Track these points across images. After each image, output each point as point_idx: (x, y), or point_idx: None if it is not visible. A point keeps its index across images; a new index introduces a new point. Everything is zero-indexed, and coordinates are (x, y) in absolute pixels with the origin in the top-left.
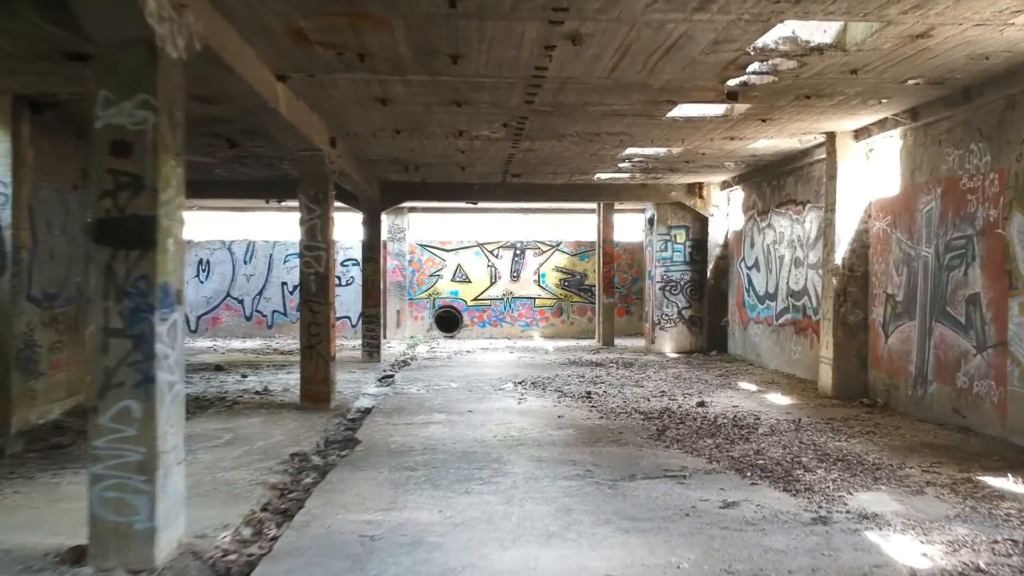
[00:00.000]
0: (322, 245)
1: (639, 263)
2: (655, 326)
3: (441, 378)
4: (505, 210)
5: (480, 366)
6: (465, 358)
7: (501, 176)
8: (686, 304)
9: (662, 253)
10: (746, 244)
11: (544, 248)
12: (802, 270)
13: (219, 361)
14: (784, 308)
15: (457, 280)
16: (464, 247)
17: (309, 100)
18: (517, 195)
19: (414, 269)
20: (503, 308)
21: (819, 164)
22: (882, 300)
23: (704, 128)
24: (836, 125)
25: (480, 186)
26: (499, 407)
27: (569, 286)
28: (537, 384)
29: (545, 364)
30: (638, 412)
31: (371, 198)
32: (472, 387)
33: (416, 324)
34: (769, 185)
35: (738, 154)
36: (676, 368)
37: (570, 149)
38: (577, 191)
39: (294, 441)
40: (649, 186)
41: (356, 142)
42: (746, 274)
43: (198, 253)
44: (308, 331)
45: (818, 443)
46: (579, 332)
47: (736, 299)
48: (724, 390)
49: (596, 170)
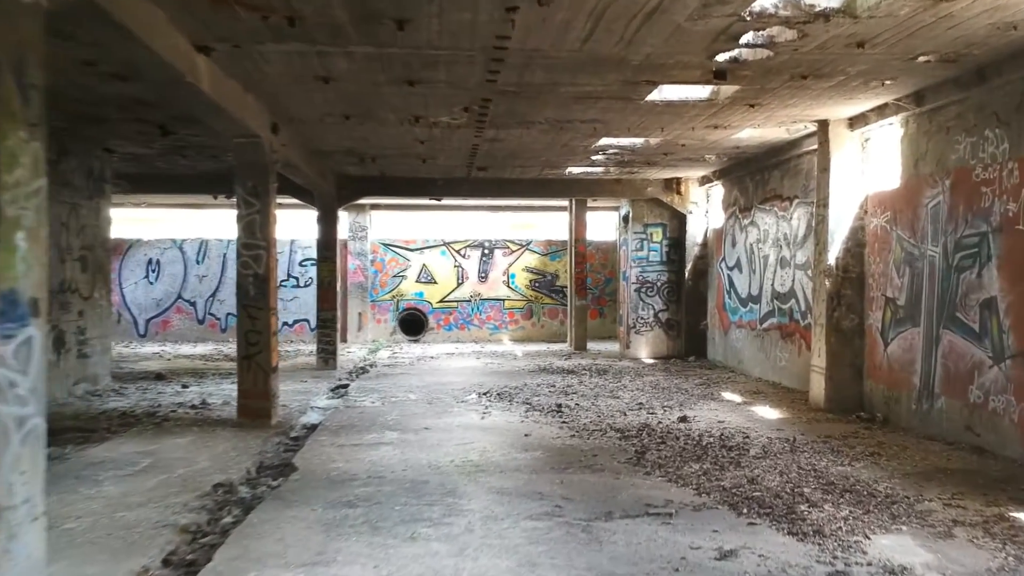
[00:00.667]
0: (262, 243)
1: (613, 263)
2: (630, 330)
3: (399, 388)
4: (472, 208)
5: (443, 374)
6: (428, 364)
7: (466, 170)
8: (663, 307)
9: (638, 252)
10: (727, 243)
11: (513, 247)
12: (789, 271)
13: (162, 368)
14: (769, 311)
15: (422, 281)
16: (430, 246)
17: (241, 78)
18: (484, 191)
19: (377, 269)
20: (471, 310)
21: (808, 156)
22: (880, 304)
23: (686, 114)
24: (830, 112)
25: (444, 181)
26: (460, 423)
27: (540, 287)
28: (503, 395)
29: (513, 371)
30: (614, 429)
31: (326, 193)
32: (432, 399)
33: (379, 327)
34: (752, 180)
35: (721, 145)
36: (653, 376)
37: (539, 139)
38: (548, 187)
39: (221, 468)
40: (624, 181)
41: (303, 130)
42: (727, 275)
43: (147, 253)
44: (246, 339)
45: (819, 468)
46: (550, 335)
47: (716, 301)
48: (706, 402)
49: (568, 163)
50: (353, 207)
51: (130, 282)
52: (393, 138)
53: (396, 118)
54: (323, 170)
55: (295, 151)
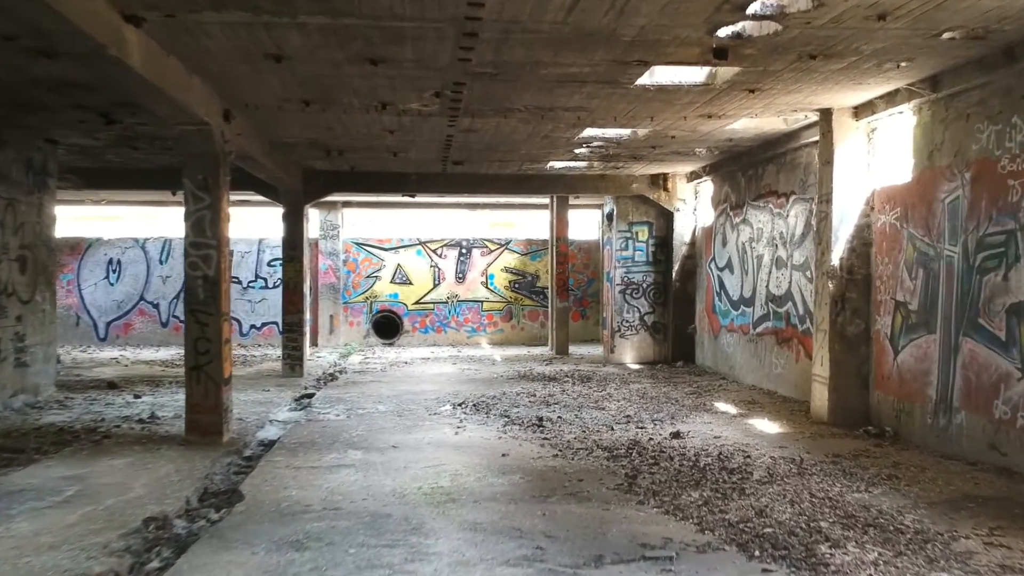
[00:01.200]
0: (212, 242)
1: (595, 263)
2: (614, 333)
3: (369, 398)
4: (449, 205)
5: (417, 381)
6: (401, 371)
7: (441, 164)
8: (649, 309)
9: (622, 252)
10: (717, 242)
11: (492, 247)
12: (785, 272)
13: (117, 376)
14: (763, 315)
15: (397, 282)
16: (405, 246)
17: (183, 55)
18: (460, 187)
19: (349, 270)
20: (447, 312)
21: (806, 150)
22: (889, 308)
23: (679, 102)
24: (834, 100)
25: (417, 176)
26: (431, 439)
27: (519, 288)
28: (480, 406)
29: (491, 379)
30: (600, 447)
31: (292, 189)
32: (403, 410)
33: (351, 330)
34: (745, 175)
35: (713, 138)
36: (640, 383)
37: (519, 130)
38: (528, 183)
39: (158, 496)
40: (608, 177)
41: (260, 118)
42: (717, 276)
43: (108, 252)
44: (195, 348)
45: (833, 496)
46: (530, 338)
47: (705, 304)
48: (699, 413)
49: (549, 157)
50: (324, 204)
51: (89, 283)
52: (360, 128)
53: (361, 104)
54: (287, 164)
55: (253, 142)
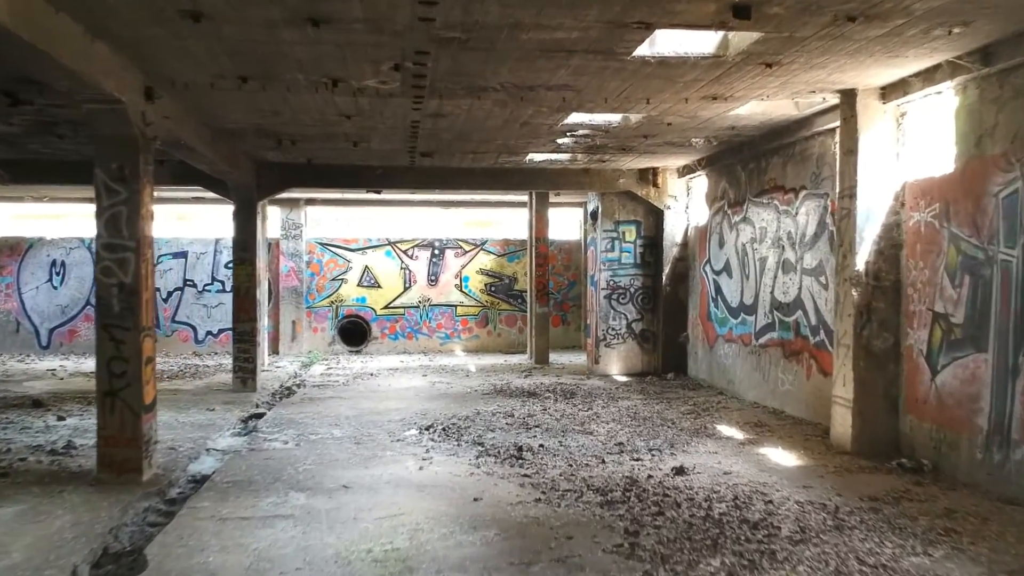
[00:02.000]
0: (129, 244)
1: (577, 265)
2: (599, 342)
3: (325, 420)
4: (421, 203)
5: (382, 397)
6: (366, 384)
7: (408, 157)
8: (637, 316)
9: (608, 254)
10: (712, 243)
11: (467, 247)
12: (794, 276)
13: (47, 392)
14: (767, 324)
15: (365, 285)
16: (373, 246)
17: (79, 14)
18: (430, 182)
19: (313, 272)
20: (419, 317)
21: (819, 139)
22: (925, 320)
23: (682, 79)
24: (860, 79)
25: (383, 170)
26: (391, 476)
27: (496, 291)
28: (451, 430)
29: (464, 394)
30: (591, 488)
31: (243, 184)
32: (362, 436)
33: (316, 337)
34: (746, 169)
35: (713, 125)
36: (630, 399)
37: (494, 115)
38: (505, 178)
39: (37, 566)
40: (593, 172)
41: (193, 98)
42: (712, 280)
43: (51, 253)
44: (108, 370)
45: (887, 562)
46: (508, 345)
47: (699, 311)
48: (701, 440)
49: (528, 149)
50: (286, 202)
51: (30, 287)
52: (311, 112)
53: (308, 81)
54: (234, 155)
55: (186, 127)
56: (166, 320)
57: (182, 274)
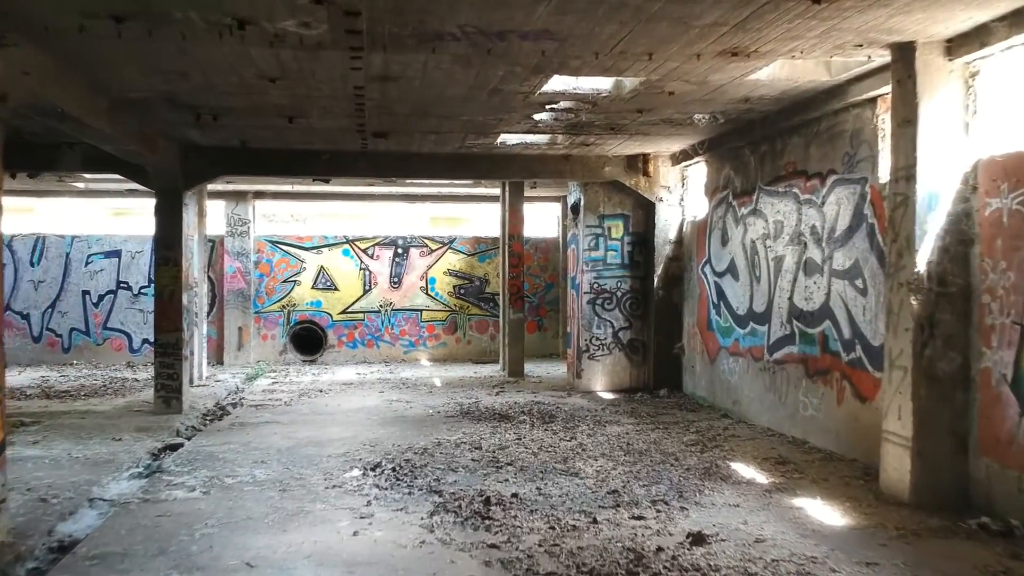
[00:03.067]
0: None
1: (555, 265)
2: (582, 354)
3: (251, 454)
4: (382, 197)
5: (326, 422)
6: (313, 403)
7: (359, 139)
8: (624, 323)
9: (592, 252)
10: (713, 240)
11: (433, 246)
12: (820, 279)
13: None
14: (785, 336)
15: (320, 287)
16: (329, 244)
17: None
18: (386, 169)
19: (262, 273)
20: (380, 323)
21: (854, 111)
22: (1011, 338)
23: (698, 23)
24: (926, 24)
25: (332, 156)
26: (314, 548)
27: (466, 294)
28: (403, 470)
29: (425, 417)
30: (583, 571)
31: (165, 171)
32: (291, 479)
33: (265, 345)
34: (756, 152)
35: (725, 96)
36: (619, 423)
37: (457, 78)
38: (473, 165)
39: None
40: (575, 159)
41: (66, 49)
42: (713, 283)
43: None
44: None
45: None
46: (478, 353)
47: (697, 318)
48: (715, 484)
49: (500, 127)
50: (231, 195)
51: None
52: (224, 72)
53: (205, 22)
54: (147, 135)
55: (65, 90)
56: (97, 327)
57: (115, 275)
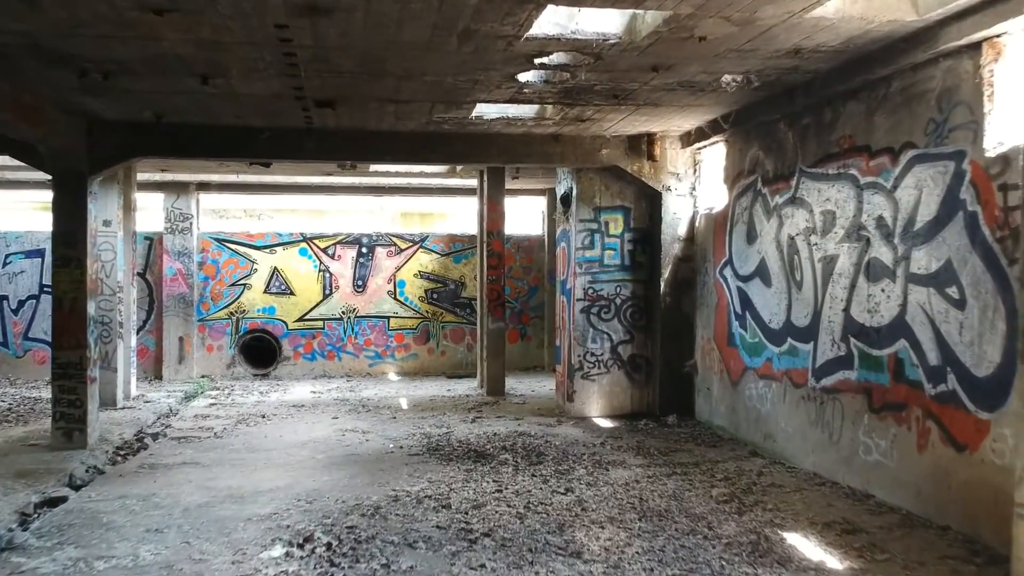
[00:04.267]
0: None
1: (540, 266)
2: (574, 372)
3: (147, 518)
4: (345, 189)
5: (259, 464)
6: (249, 435)
7: (300, 112)
8: (625, 336)
9: (586, 252)
10: (735, 237)
11: (403, 244)
12: (891, 286)
13: None
14: (838, 358)
15: (274, 291)
16: (284, 243)
17: None
18: (338, 151)
19: (207, 275)
20: (342, 332)
21: (945, 63)
22: None
23: None
24: None
25: (271, 135)
26: None
27: (439, 299)
28: (340, 551)
29: (382, 457)
30: None
31: (63, 151)
32: (185, 565)
33: (210, 357)
34: (796, 126)
35: (772, 44)
36: (625, 466)
37: (412, 10)
38: (444, 146)
39: None
40: (566, 139)
41: None
42: (736, 289)
43: None
44: None
45: None
46: (453, 366)
47: (715, 330)
48: (771, 572)
49: (476, 93)
50: (171, 187)
51: None
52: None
53: None
54: (22, 101)
55: None
56: (16, 337)
57: (38, 278)
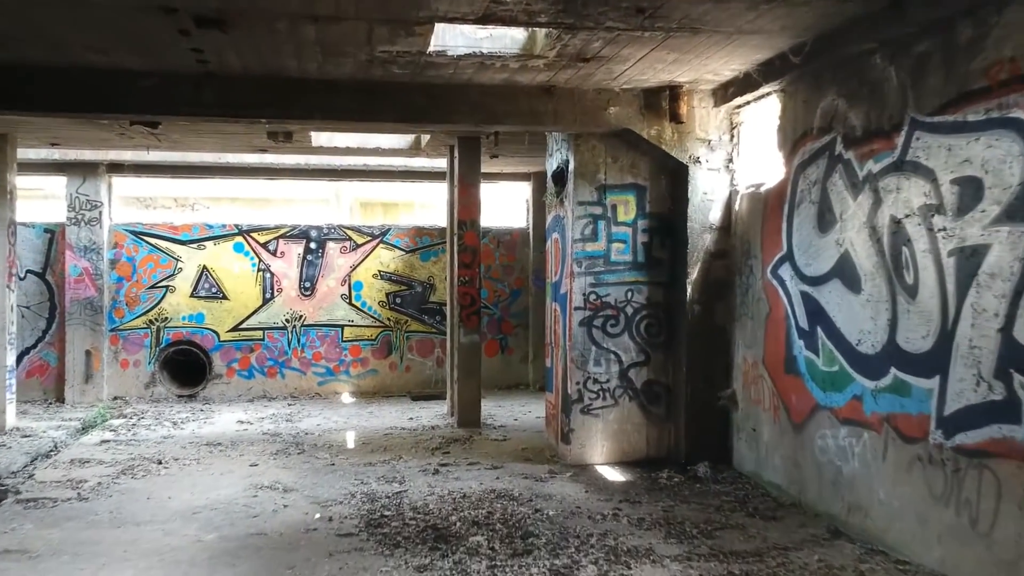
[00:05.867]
0: None
1: (523, 265)
2: (571, 404)
3: None
4: (290, 171)
5: (114, 554)
6: (125, 497)
7: (183, 45)
8: (638, 356)
9: (587, 245)
10: (799, 222)
11: (360, 239)
12: None
13: None
14: (989, 405)
15: (202, 295)
16: (216, 236)
17: None
18: (246, 106)
19: (121, 275)
20: (286, 344)
21: None
22: None
23: None
24: None
25: (156, 83)
26: None
27: (404, 304)
28: None
29: (296, 540)
30: None
31: None
32: None
33: (125, 375)
34: (905, 57)
35: None
36: (656, 560)
37: None
38: (392, 100)
39: None
40: (561, 93)
41: None
42: (799, 294)
43: None
44: None
45: None
46: (420, 384)
47: (765, 350)
48: None
49: (430, 4)
50: (76, 168)
51: None
52: None
53: None
54: None
55: None
56: None
57: None
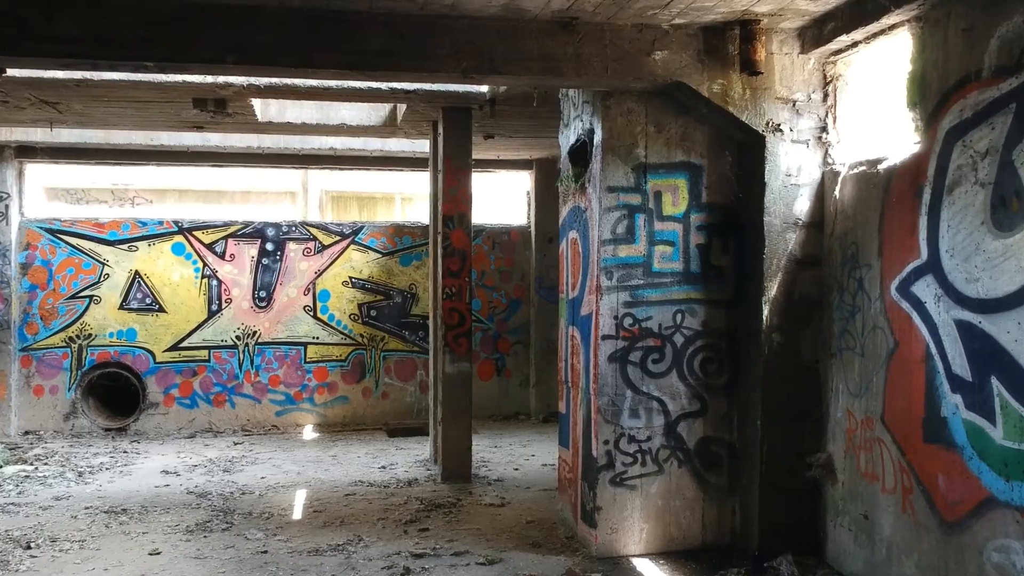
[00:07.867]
0: None
1: (524, 270)
2: (599, 471)
3: None
4: (238, 157)
5: None
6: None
7: None
8: (691, 404)
9: (620, 249)
10: (949, 216)
11: (327, 239)
12: None
13: None
14: None
15: (134, 307)
16: (150, 235)
17: None
18: (123, 44)
19: (34, 283)
20: (237, 366)
21: None
22: None
23: None
24: None
25: None
26: None
27: (380, 318)
28: None
29: None
30: None
31: None
32: None
33: (40, 404)
34: None
35: None
36: None
37: None
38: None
39: None
40: (586, 30)
41: None
42: (953, 326)
43: None
44: None
45: None
46: (400, 414)
47: (886, 403)
48: None
49: None
50: None
51: None
52: None
53: None
54: None
55: None
56: None
57: None
